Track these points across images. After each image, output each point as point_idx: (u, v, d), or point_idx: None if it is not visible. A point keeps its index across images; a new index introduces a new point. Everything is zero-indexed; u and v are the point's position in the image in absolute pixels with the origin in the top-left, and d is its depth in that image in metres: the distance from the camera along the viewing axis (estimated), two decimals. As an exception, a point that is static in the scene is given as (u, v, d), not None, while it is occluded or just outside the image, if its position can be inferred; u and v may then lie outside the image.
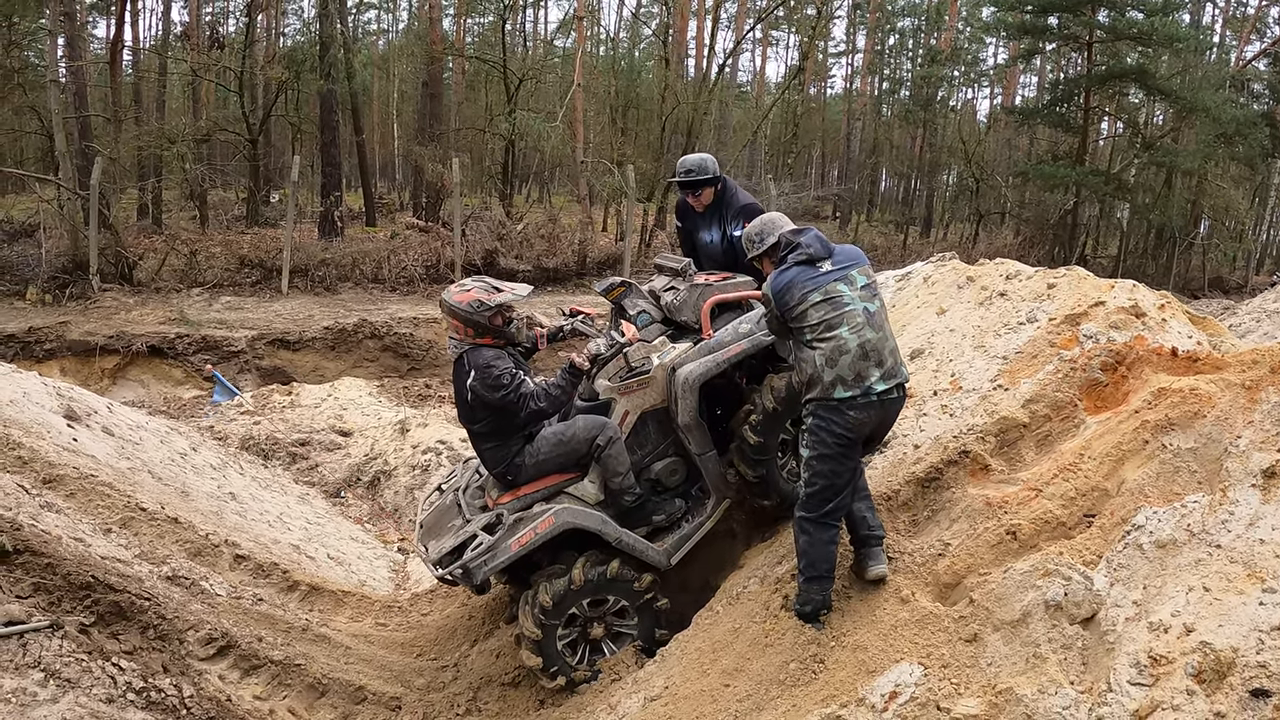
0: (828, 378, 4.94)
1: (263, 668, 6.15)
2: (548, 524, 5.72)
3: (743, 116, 43.39)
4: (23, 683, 4.66)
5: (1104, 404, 5.61)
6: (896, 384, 5.02)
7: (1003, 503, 5.11)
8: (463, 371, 5.72)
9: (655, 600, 6.05)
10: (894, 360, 5.05)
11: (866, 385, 4.91)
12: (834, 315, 4.97)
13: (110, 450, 8.10)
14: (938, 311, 7.14)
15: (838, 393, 4.92)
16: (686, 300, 6.16)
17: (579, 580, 5.79)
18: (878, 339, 4.99)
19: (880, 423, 5.14)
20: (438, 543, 5.98)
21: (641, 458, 6.14)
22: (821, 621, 5.10)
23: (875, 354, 4.96)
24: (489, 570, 5.68)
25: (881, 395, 4.95)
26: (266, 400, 12.60)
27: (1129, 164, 29.05)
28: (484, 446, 5.90)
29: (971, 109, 48.14)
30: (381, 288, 20.20)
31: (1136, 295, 6.19)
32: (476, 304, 5.63)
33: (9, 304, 17.17)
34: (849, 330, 4.95)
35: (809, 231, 5.27)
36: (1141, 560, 4.31)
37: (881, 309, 5.14)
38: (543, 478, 5.92)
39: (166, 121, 26.87)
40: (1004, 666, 4.17)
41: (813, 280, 5.04)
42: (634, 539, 5.93)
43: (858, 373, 4.91)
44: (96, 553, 6.21)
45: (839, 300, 5.00)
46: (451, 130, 30.15)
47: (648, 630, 6.07)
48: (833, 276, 5.05)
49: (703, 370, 5.87)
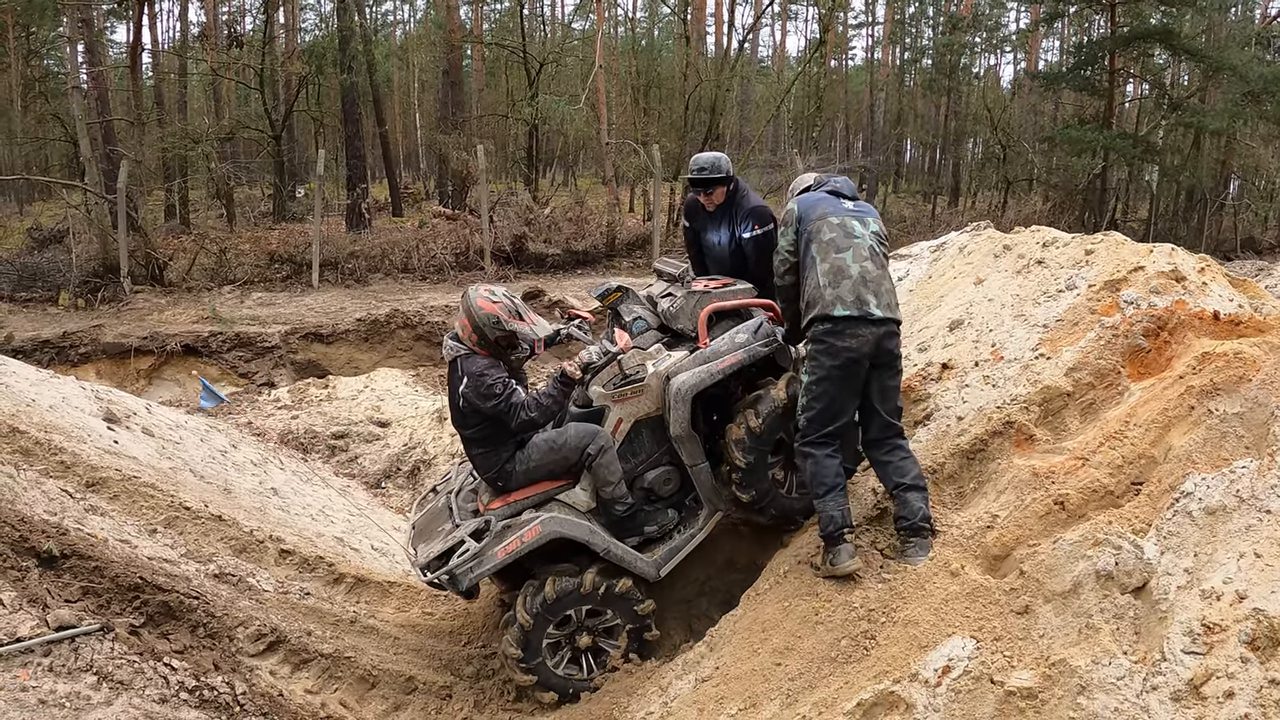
0: (829, 296, 5.25)
1: (313, 661, 6.18)
2: (534, 533, 5.70)
3: (765, 92, 43.13)
4: (76, 687, 4.70)
5: (1147, 370, 5.54)
6: (893, 318, 5.28)
7: (1049, 473, 5.06)
8: (456, 377, 5.71)
9: (647, 628, 6.04)
10: (891, 300, 5.33)
11: (865, 310, 5.19)
12: (843, 240, 5.38)
13: (151, 451, 8.17)
14: (975, 281, 7.06)
15: (838, 310, 5.20)
16: (683, 308, 6.12)
17: (588, 586, 5.79)
18: (878, 274, 5.33)
19: (877, 349, 5.23)
20: (427, 546, 5.98)
21: (634, 466, 6.09)
22: (849, 541, 5.21)
23: (874, 285, 5.27)
24: (475, 577, 5.69)
25: (879, 320, 5.20)
26: (303, 394, 12.65)
27: (1156, 126, 28.58)
28: (475, 452, 5.89)
29: (995, 75, 47.67)
30: (412, 277, 20.23)
31: (1176, 259, 6.10)
32: (493, 319, 5.61)
33: (42, 310, 17.35)
34: (853, 258, 5.32)
35: (841, 176, 5.86)
36: (1191, 527, 4.27)
37: (884, 256, 5.50)
38: (534, 484, 5.88)
39: (189, 122, 27.01)
40: (1056, 638, 4.13)
41: (835, 207, 5.53)
42: (622, 549, 5.89)
43: (858, 296, 5.22)
44: (143, 554, 6.27)
45: (851, 230, 5.42)
46: (474, 117, 30.16)
47: (633, 648, 6.05)
48: (852, 213, 5.53)
49: (696, 381, 5.81)
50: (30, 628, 4.89)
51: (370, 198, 25.89)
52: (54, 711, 4.53)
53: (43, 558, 5.49)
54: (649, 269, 19.36)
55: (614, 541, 5.86)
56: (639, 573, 5.92)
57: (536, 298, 17.19)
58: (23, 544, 5.49)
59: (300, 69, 25.76)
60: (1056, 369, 5.68)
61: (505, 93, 34.26)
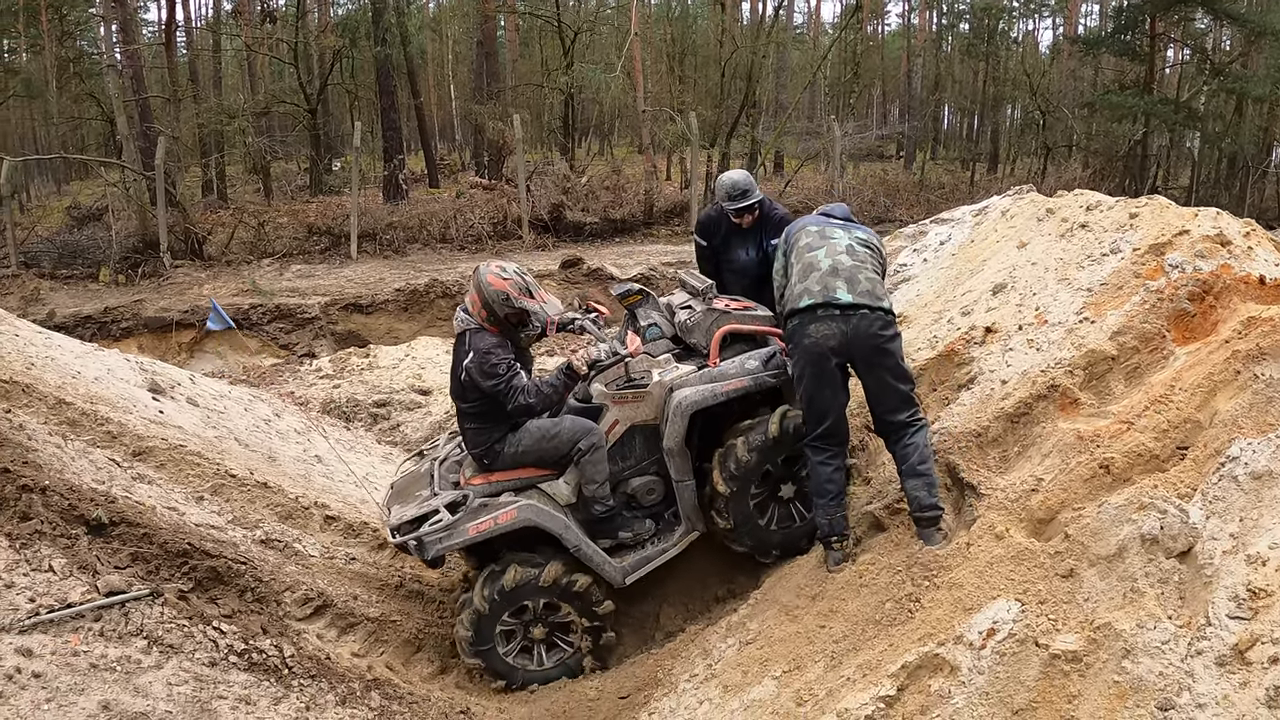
0: (797, 290, 5.36)
1: (359, 625, 6.25)
2: (509, 517, 5.72)
3: (801, 59, 42.75)
4: (127, 651, 4.76)
5: (1192, 334, 5.49)
6: (868, 304, 5.19)
7: (1094, 436, 5.02)
8: (462, 350, 5.74)
9: (605, 629, 6.03)
10: (870, 287, 5.26)
11: (830, 297, 5.20)
12: (819, 244, 5.50)
13: (196, 420, 8.26)
14: (1018, 245, 7.01)
15: (803, 302, 5.27)
16: (700, 323, 6.13)
17: (548, 579, 5.79)
18: (853, 266, 5.34)
19: (850, 339, 5.18)
20: (401, 508, 6.02)
21: (622, 470, 6.10)
22: (838, 549, 5.35)
23: (846, 274, 5.28)
24: (442, 548, 5.73)
25: (845, 308, 5.16)
26: (345, 364, 12.72)
27: (1198, 91, 28.01)
28: (468, 426, 5.91)
29: (1034, 40, 46.95)
30: (450, 247, 20.25)
31: (1221, 223, 6.03)
32: (503, 295, 5.63)
33: (83, 286, 17.52)
34: (826, 254, 5.41)
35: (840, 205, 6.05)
36: (1237, 492, 4.23)
37: (873, 261, 5.51)
38: (520, 468, 5.90)
39: (224, 98, 27.15)
40: (1101, 601, 4.11)
41: (818, 223, 5.72)
42: (593, 549, 5.88)
43: (824, 285, 5.25)
44: (190, 520, 6.36)
45: (829, 236, 5.55)
46: (509, 88, 30.09)
47: (578, 658, 6.06)
48: (837, 226, 5.66)
49: (699, 398, 5.82)
50: (80, 594, 4.95)
51: (407, 169, 25.93)
52: (105, 675, 4.59)
53: (91, 525, 5.55)
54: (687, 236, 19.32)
55: (586, 540, 5.86)
56: (605, 576, 5.93)
57: (575, 265, 17.19)
58: (71, 512, 5.55)
59: (334, 42, 25.78)
60: (1101, 333, 5.64)
61: (540, 62, 34.11)
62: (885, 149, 39.96)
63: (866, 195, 24.30)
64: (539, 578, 5.78)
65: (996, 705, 3.89)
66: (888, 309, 5.26)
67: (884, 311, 5.23)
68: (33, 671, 4.46)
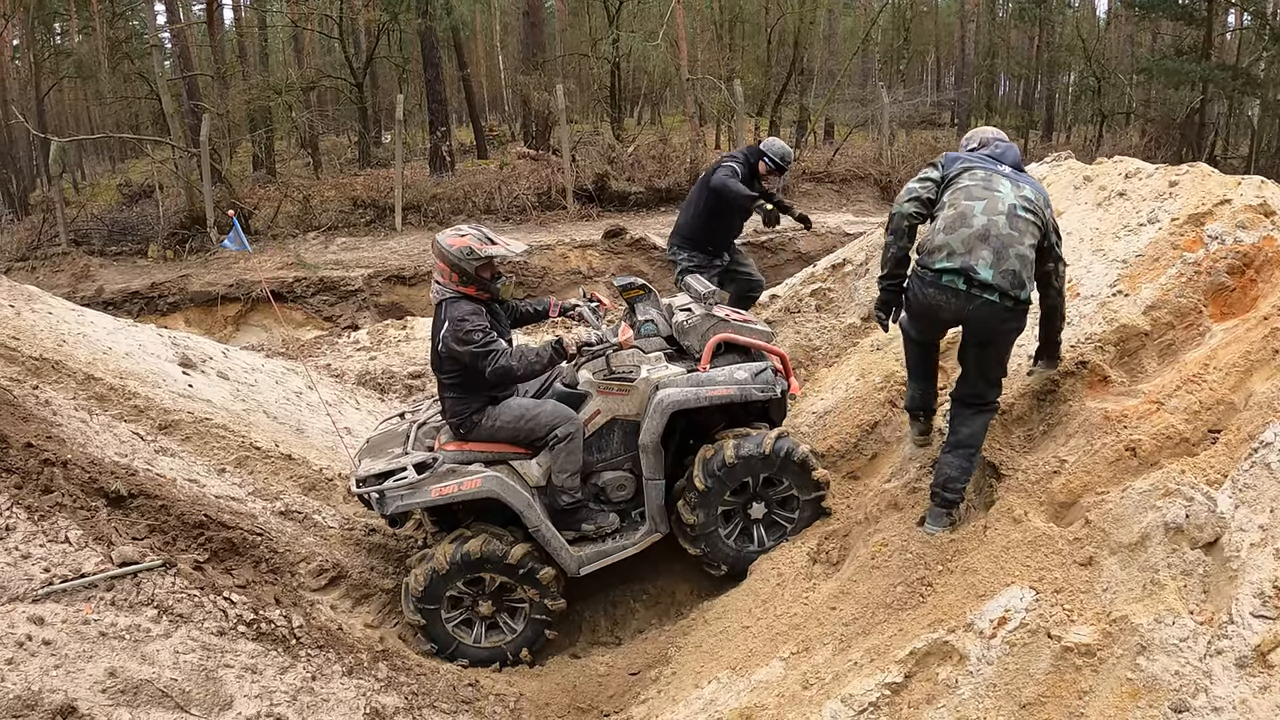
0: (937, 241, 4.70)
1: (374, 596, 6.29)
2: (473, 485, 5.72)
3: (851, 24, 42.09)
4: (136, 620, 4.79)
5: (1231, 310, 5.25)
6: (1004, 291, 4.56)
7: (1122, 416, 4.82)
8: (438, 321, 5.70)
9: (548, 625, 6.01)
10: (1017, 267, 4.58)
11: (969, 265, 4.56)
12: (981, 194, 4.71)
13: (226, 394, 8.29)
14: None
15: (936, 261, 4.66)
16: (696, 327, 6.12)
17: (513, 559, 5.77)
18: (1008, 236, 4.60)
19: (967, 318, 4.72)
20: (370, 462, 6.04)
21: (596, 462, 6.09)
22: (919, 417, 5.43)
23: (997, 244, 4.58)
24: (403, 506, 5.76)
25: (977, 286, 4.57)
26: (381, 335, 12.73)
27: (1258, 58, 27.07)
28: (447, 396, 5.90)
29: (1090, 5, 45.71)
30: (495, 218, 20.16)
31: (1265, 192, 5.74)
32: (466, 250, 5.59)
33: (132, 263, 17.71)
34: (984, 210, 4.66)
35: (1011, 147, 5.09)
36: (1270, 481, 3.93)
37: (1032, 232, 4.69)
38: (494, 443, 5.89)
39: (270, 74, 27.27)
40: (1120, 592, 3.91)
41: (985, 166, 4.86)
42: (551, 533, 5.87)
43: (970, 249, 4.59)
44: (210, 493, 6.38)
45: (994, 188, 4.73)
46: (556, 58, 29.94)
47: (515, 646, 6.03)
48: (1004, 175, 4.82)
49: (682, 398, 5.81)
50: (95, 564, 4.98)
51: (453, 141, 25.90)
52: (113, 643, 4.63)
53: (111, 497, 5.60)
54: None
55: (547, 523, 5.86)
56: (560, 562, 5.93)
57: (618, 235, 17.11)
58: (92, 485, 5.60)
59: (378, 16, 25.75)
60: (1134, 307, 5.43)
61: (587, 32, 33.94)
62: (939, 116, 39.26)
63: (915, 164, 23.86)
64: (506, 554, 5.78)
65: (1003, 698, 3.73)
66: (1024, 300, 4.67)
67: (1015, 302, 4.64)
68: (43, 639, 4.49)
